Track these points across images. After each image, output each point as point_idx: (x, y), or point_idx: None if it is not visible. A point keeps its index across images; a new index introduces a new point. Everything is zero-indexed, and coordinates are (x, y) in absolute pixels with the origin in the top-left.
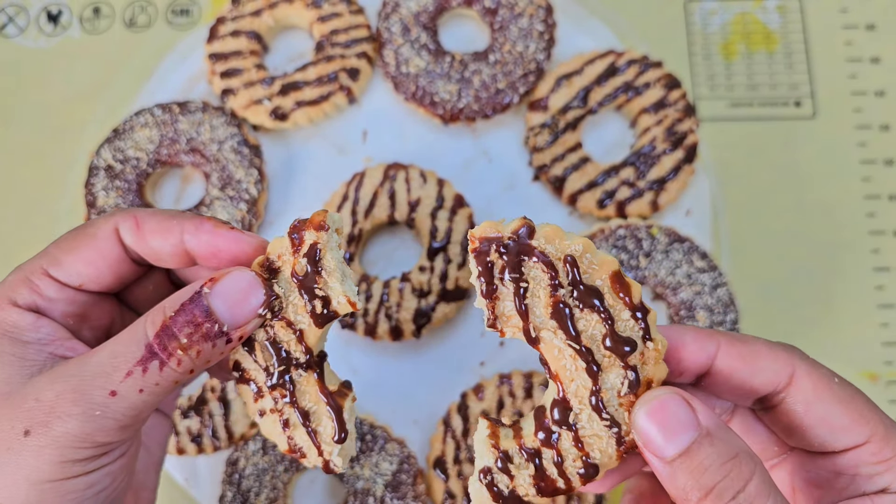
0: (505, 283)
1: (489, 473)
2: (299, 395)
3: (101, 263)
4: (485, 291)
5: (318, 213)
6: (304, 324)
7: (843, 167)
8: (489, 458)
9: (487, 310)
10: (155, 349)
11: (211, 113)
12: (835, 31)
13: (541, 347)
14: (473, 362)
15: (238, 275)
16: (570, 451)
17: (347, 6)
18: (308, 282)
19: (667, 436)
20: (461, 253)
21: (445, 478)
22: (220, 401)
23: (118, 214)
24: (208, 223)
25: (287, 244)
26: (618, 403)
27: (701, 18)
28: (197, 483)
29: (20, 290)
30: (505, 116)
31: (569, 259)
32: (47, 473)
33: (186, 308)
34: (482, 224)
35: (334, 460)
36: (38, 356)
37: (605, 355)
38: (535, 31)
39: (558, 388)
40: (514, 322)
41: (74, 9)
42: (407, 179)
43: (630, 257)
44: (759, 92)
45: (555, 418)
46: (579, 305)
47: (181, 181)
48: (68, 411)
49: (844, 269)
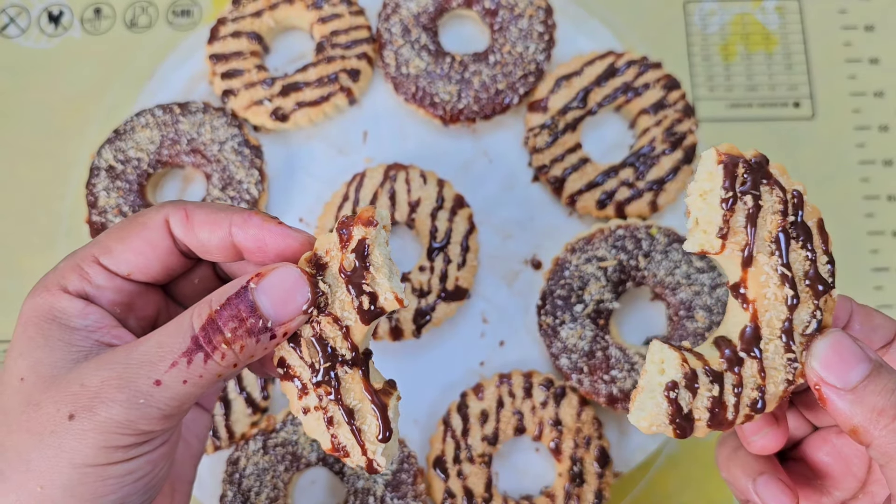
0: (744, 198)
1: (675, 388)
2: (344, 392)
3: (150, 254)
4: (727, 201)
5: (366, 209)
6: (351, 320)
7: (842, 168)
8: (677, 372)
9: (722, 220)
10: (200, 342)
11: (212, 114)
12: (834, 32)
13: (750, 270)
14: (473, 362)
15: (284, 271)
16: (751, 380)
17: (348, 7)
18: (356, 277)
19: (847, 366)
20: (461, 253)
21: (445, 477)
22: (220, 400)
23: (169, 206)
24: (256, 217)
25: (335, 240)
26: (799, 341)
27: (700, 19)
28: (198, 482)
29: (71, 276)
30: (505, 117)
31: (795, 193)
32: (90, 457)
33: (232, 302)
34: (725, 143)
35: (378, 459)
36: (84, 342)
37: (803, 290)
38: (534, 32)
39: (751, 316)
40: (738, 239)
41: (76, 9)
42: (407, 180)
43: (629, 257)
44: (758, 93)
45: (744, 341)
46: (796, 237)
47: (182, 182)
48: (113, 397)
49: (844, 270)
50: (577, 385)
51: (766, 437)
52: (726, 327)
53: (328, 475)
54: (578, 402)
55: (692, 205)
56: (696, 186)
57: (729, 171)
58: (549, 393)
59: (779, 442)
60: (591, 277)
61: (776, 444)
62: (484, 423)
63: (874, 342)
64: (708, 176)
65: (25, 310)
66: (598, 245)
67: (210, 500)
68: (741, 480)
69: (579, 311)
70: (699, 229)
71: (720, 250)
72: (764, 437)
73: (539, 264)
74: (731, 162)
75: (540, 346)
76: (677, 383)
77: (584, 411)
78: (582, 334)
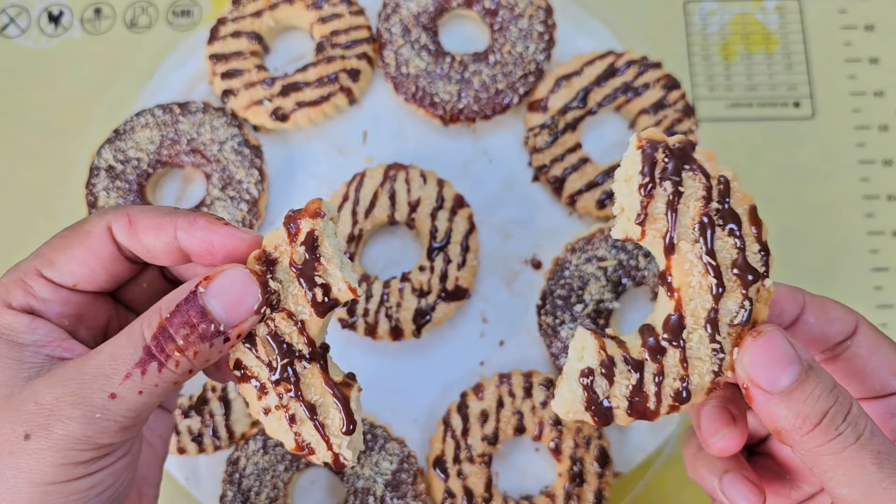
0: (663, 184)
1: (591, 375)
2: (304, 388)
3: (94, 263)
4: (645, 187)
5: (312, 202)
6: (306, 314)
7: (842, 167)
8: (593, 359)
9: (641, 206)
10: (153, 351)
11: (212, 113)
12: (834, 32)
13: (673, 258)
14: (473, 362)
15: (233, 272)
16: (673, 370)
17: (348, 7)
18: (307, 270)
19: (777, 369)
20: (461, 253)
21: (445, 477)
22: (220, 400)
23: (110, 212)
24: (202, 219)
25: (283, 234)
26: (726, 332)
27: (700, 19)
28: (198, 482)
29: (14, 291)
30: (505, 117)
31: (722, 179)
32: (50, 476)
33: (182, 308)
34: (649, 129)
35: (344, 453)
36: (34, 358)
37: (730, 279)
38: (534, 32)
39: (675, 305)
40: (658, 226)
41: (76, 10)
42: (407, 180)
43: (629, 257)
44: (758, 92)
45: (667, 333)
46: (722, 224)
47: (182, 181)
48: (68, 414)
49: (843, 270)
50: None
51: (725, 438)
52: (653, 316)
53: (328, 475)
54: None
55: (617, 190)
56: (620, 172)
57: (648, 156)
58: (550, 393)
59: (737, 443)
60: (591, 277)
61: (735, 445)
62: (484, 423)
63: (831, 336)
64: (631, 162)
65: None
66: (598, 245)
67: (210, 500)
68: (707, 480)
69: (579, 310)
70: (624, 216)
71: (641, 237)
72: (722, 439)
73: (539, 264)
74: (651, 147)
75: (540, 346)
76: (593, 370)
77: None
78: None
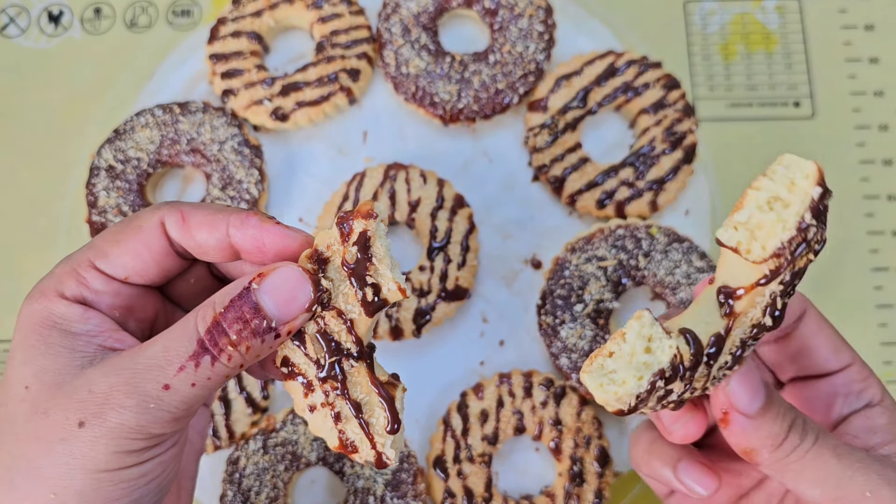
0: (810, 229)
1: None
2: (351, 386)
3: (146, 256)
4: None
5: (365, 203)
6: (355, 313)
7: (842, 167)
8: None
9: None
10: (206, 344)
11: (212, 113)
12: (834, 32)
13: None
14: (473, 362)
15: (286, 270)
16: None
17: (348, 7)
18: (359, 269)
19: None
20: (461, 253)
21: (445, 477)
22: (220, 400)
23: (164, 207)
24: (254, 217)
25: (336, 234)
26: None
27: (700, 19)
28: (198, 482)
29: (68, 282)
30: (505, 117)
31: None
32: (102, 463)
33: (235, 304)
34: (817, 162)
35: (387, 452)
36: (87, 347)
37: None
38: (534, 31)
39: (727, 327)
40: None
41: (75, 9)
42: (407, 180)
43: (629, 257)
44: (758, 92)
45: (710, 349)
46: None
47: (182, 181)
48: (123, 403)
49: (843, 269)
50: (577, 385)
51: (687, 424)
52: (691, 320)
53: (328, 475)
54: (578, 402)
55: (755, 201)
56: (771, 186)
57: (820, 199)
58: (549, 392)
59: (699, 428)
60: (591, 277)
61: (696, 430)
62: (484, 423)
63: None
64: (790, 187)
65: (23, 317)
66: (598, 245)
67: (210, 500)
68: (662, 471)
69: (579, 310)
70: (748, 229)
71: (760, 262)
72: (685, 426)
73: (539, 264)
74: (824, 189)
75: (540, 346)
76: (664, 371)
77: (584, 411)
78: (582, 334)
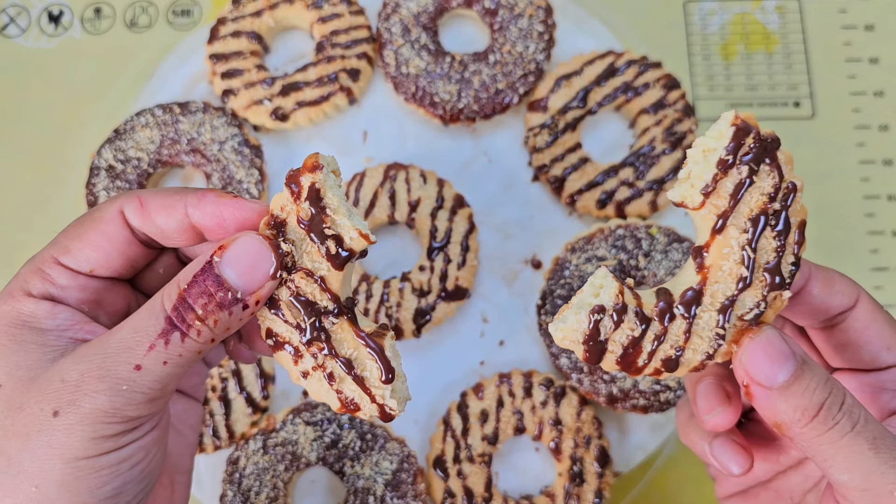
0: (741, 167)
1: (601, 313)
2: (336, 343)
3: (109, 247)
4: (724, 163)
5: (310, 156)
6: (324, 269)
7: (842, 167)
8: (609, 300)
9: (712, 178)
10: (174, 321)
11: (212, 113)
12: (834, 32)
13: (717, 238)
14: (473, 362)
15: (245, 240)
16: (673, 338)
17: (348, 7)
18: (315, 224)
19: (775, 366)
20: (461, 253)
21: (445, 477)
22: (220, 400)
23: (122, 197)
24: (210, 194)
25: (287, 195)
26: (733, 323)
27: (700, 19)
28: (198, 482)
29: (32, 280)
30: (505, 117)
31: (791, 185)
32: (80, 450)
33: (198, 279)
34: (748, 112)
35: (388, 403)
36: (58, 342)
37: (758, 278)
38: (534, 31)
39: (700, 281)
40: (719, 203)
41: (76, 9)
42: (407, 180)
43: (629, 257)
44: (758, 92)
45: (682, 304)
46: (773, 226)
47: (182, 181)
48: (95, 388)
49: (843, 269)
50: (576, 385)
51: (719, 416)
52: (673, 283)
53: (328, 475)
54: (578, 402)
55: (692, 156)
56: (702, 141)
57: (739, 136)
58: (549, 392)
59: (730, 420)
60: None
61: (727, 422)
62: (484, 423)
63: (832, 307)
64: (718, 135)
65: None
66: (598, 245)
67: (210, 500)
68: (698, 444)
69: None
70: (688, 182)
71: (699, 207)
72: (716, 416)
73: (539, 264)
74: (745, 129)
75: (540, 346)
76: (605, 309)
77: (583, 411)
78: None
